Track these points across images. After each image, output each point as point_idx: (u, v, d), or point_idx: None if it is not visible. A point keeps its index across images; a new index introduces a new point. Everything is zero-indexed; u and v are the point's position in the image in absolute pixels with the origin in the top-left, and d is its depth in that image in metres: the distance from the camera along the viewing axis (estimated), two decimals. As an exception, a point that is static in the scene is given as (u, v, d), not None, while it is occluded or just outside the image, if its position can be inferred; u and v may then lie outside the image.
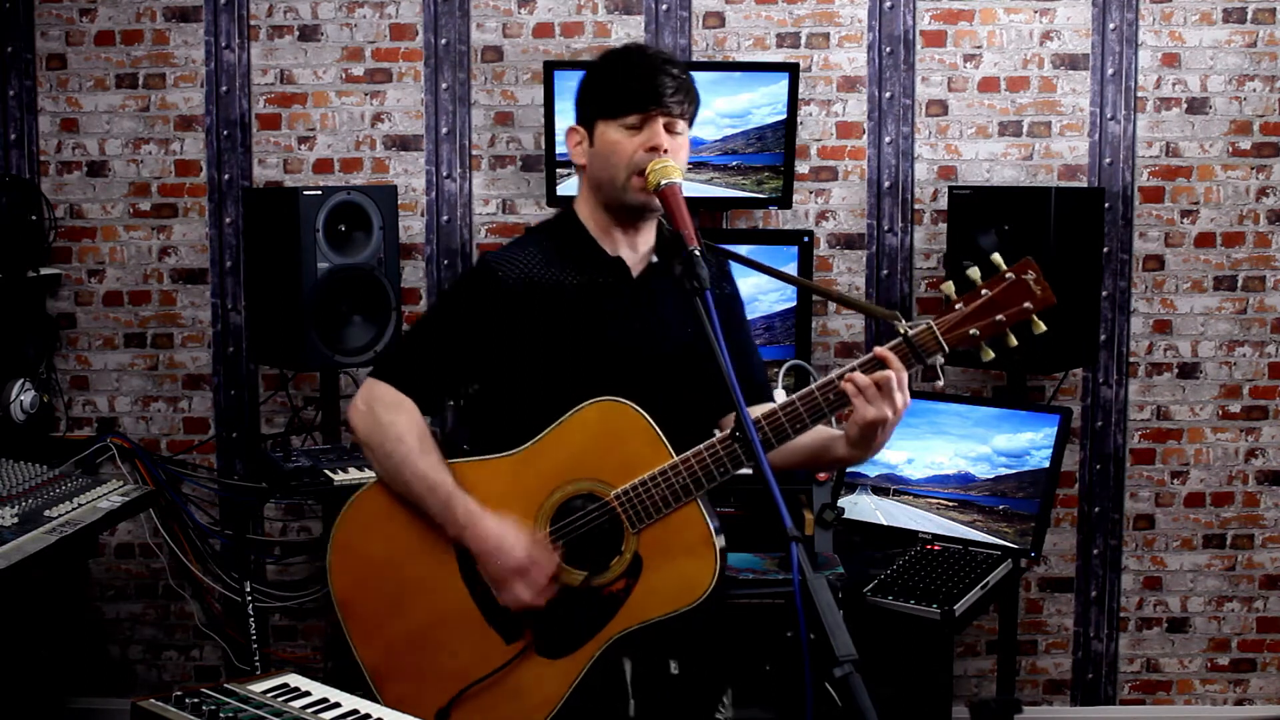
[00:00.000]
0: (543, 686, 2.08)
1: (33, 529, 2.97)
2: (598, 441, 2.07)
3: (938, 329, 1.99)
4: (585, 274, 2.17)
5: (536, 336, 2.13)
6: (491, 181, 4.07)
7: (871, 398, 1.99)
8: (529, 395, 2.14)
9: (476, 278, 2.21)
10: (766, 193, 3.86)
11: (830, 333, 4.06)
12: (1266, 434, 4.10)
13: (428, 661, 2.14)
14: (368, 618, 2.19)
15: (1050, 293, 1.98)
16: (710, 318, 1.91)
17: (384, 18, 4.03)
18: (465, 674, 2.10)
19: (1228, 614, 4.16)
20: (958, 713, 4.02)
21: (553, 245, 2.20)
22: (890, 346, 2.00)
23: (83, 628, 4.13)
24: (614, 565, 2.07)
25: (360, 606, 2.20)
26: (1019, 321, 1.99)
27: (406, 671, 2.16)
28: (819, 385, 2.02)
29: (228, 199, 4.07)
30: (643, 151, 2.10)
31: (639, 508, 2.04)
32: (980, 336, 2.00)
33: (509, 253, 2.20)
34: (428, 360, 2.17)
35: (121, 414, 4.14)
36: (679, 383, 2.15)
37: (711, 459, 2.02)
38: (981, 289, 1.99)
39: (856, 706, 1.55)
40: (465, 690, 2.10)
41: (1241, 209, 4.05)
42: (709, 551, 2.02)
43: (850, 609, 3.15)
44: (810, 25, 4.02)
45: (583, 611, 2.08)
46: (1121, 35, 4.00)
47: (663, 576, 2.04)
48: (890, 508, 3.54)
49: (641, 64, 2.13)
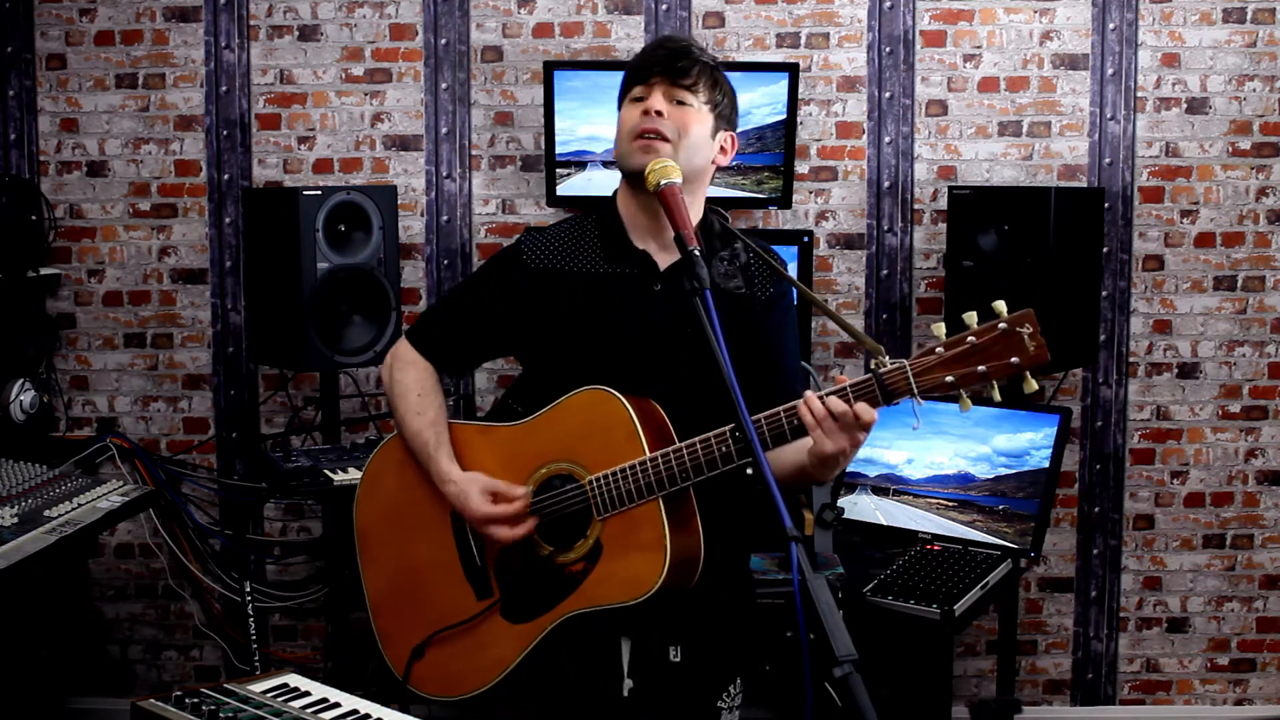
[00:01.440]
0: (500, 646, 2.19)
1: (33, 529, 2.97)
2: (583, 426, 2.12)
3: (910, 370, 1.92)
4: (610, 264, 2.21)
5: (552, 320, 2.20)
6: (491, 181, 4.07)
7: (829, 430, 1.95)
8: (545, 373, 2.22)
9: (506, 256, 2.28)
10: (766, 193, 3.86)
11: (830, 333, 4.06)
12: (1266, 434, 4.10)
13: (414, 601, 2.29)
14: (377, 550, 2.34)
15: (1045, 350, 1.86)
16: (710, 318, 1.91)
17: (384, 18, 4.03)
18: (441, 618, 2.24)
19: (1227, 614, 4.16)
20: (958, 713, 4.02)
21: (587, 233, 2.25)
22: (858, 381, 1.96)
23: (83, 628, 4.13)
24: (577, 546, 2.13)
25: (373, 539, 2.35)
26: (1005, 375, 1.89)
27: (397, 606, 2.31)
28: (785, 408, 1.98)
29: (228, 199, 4.07)
30: (639, 114, 2.14)
31: (607, 496, 2.09)
32: (957, 384, 1.90)
33: (543, 235, 2.26)
34: (448, 327, 2.30)
35: (121, 414, 4.14)
36: (690, 380, 2.14)
37: (690, 459, 2.02)
38: (968, 336, 1.89)
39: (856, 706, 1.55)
40: (438, 633, 2.24)
41: (1241, 209, 4.05)
42: (659, 552, 2.04)
43: (850, 609, 3.15)
44: (810, 25, 4.02)
45: (545, 585, 2.15)
46: (1121, 35, 4.00)
47: (616, 567, 2.09)
48: (890, 508, 3.54)
49: (650, 45, 2.20)
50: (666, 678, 2.20)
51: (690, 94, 2.15)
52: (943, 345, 1.91)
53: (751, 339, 2.20)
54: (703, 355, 1.96)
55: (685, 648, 2.20)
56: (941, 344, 1.91)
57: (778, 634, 3.26)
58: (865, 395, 1.94)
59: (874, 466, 3.60)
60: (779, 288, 2.26)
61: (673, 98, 2.14)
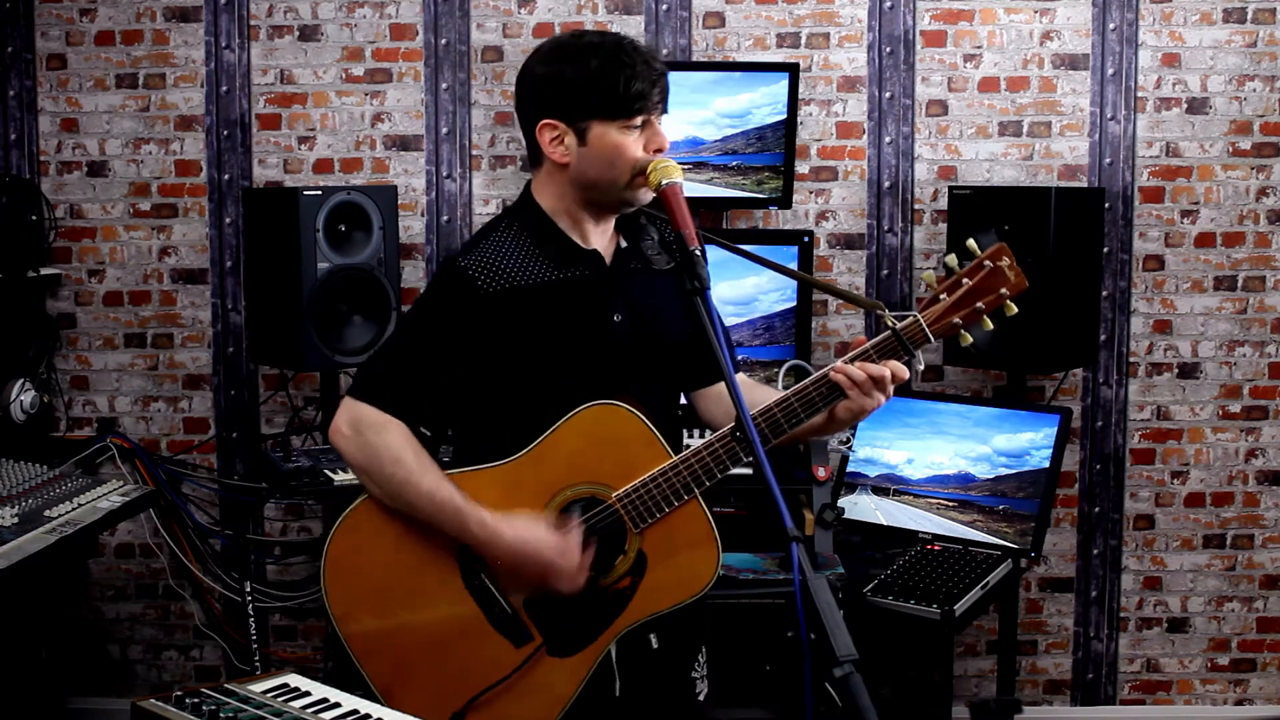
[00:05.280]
0: (555, 685, 2.10)
1: (33, 529, 2.97)
2: (595, 445, 2.07)
3: (924, 321, 2.07)
4: (562, 269, 2.14)
5: (523, 339, 2.11)
6: (491, 181, 4.07)
7: (868, 390, 2.05)
8: (518, 401, 2.12)
9: (452, 287, 2.12)
10: (766, 193, 3.86)
11: (830, 332, 4.06)
12: (1266, 434, 4.10)
13: (438, 673, 2.13)
14: (370, 636, 2.17)
15: (1023, 278, 2.06)
16: (711, 318, 1.92)
17: (384, 18, 4.03)
18: (477, 681, 2.10)
19: (1228, 614, 4.16)
20: (958, 713, 4.02)
21: (525, 241, 2.15)
22: (880, 340, 2.07)
23: (83, 628, 4.13)
24: (618, 564, 2.09)
25: (361, 623, 2.17)
26: (996, 308, 2.07)
27: (418, 685, 2.14)
28: (812, 380, 2.07)
29: (228, 199, 4.07)
30: (647, 153, 2.09)
31: (641, 508, 2.06)
32: (963, 324, 2.08)
33: (484, 256, 2.12)
34: (409, 377, 2.11)
35: (121, 414, 4.14)
36: (664, 365, 2.19)
37: (711, 458, 2.04)
38: (961, 278, 2.07)
39: (856, 706, 1.55)
40: (478, 696, 2.10)
41: (1241, 209, 4.05)
42: (711, 544, 2.06)
43: (850, 609, 3.15)
44: (810, 25, 4.02)
45: (590, 609, 2.10)
46: (1121, 35, 4.00)
47: (667, 571, 2.07)
48: (890, 508, 3.54)
49: (640, 64, 2.07)
50: (649, 667, 2.20)
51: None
52: (944, 292, 2.08)
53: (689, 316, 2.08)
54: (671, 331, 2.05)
55: (661, 633, 2.20)
56: (941, 290, 2.09)
57: (778, 634, 3.26)
58: (889, 353, 2.07)
59: (874, 466, 3.60)
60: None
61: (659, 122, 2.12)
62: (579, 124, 2.08)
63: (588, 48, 2.09)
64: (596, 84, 2.06)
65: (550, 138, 2.10)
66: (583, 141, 2.09)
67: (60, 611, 3.90)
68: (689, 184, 2.47)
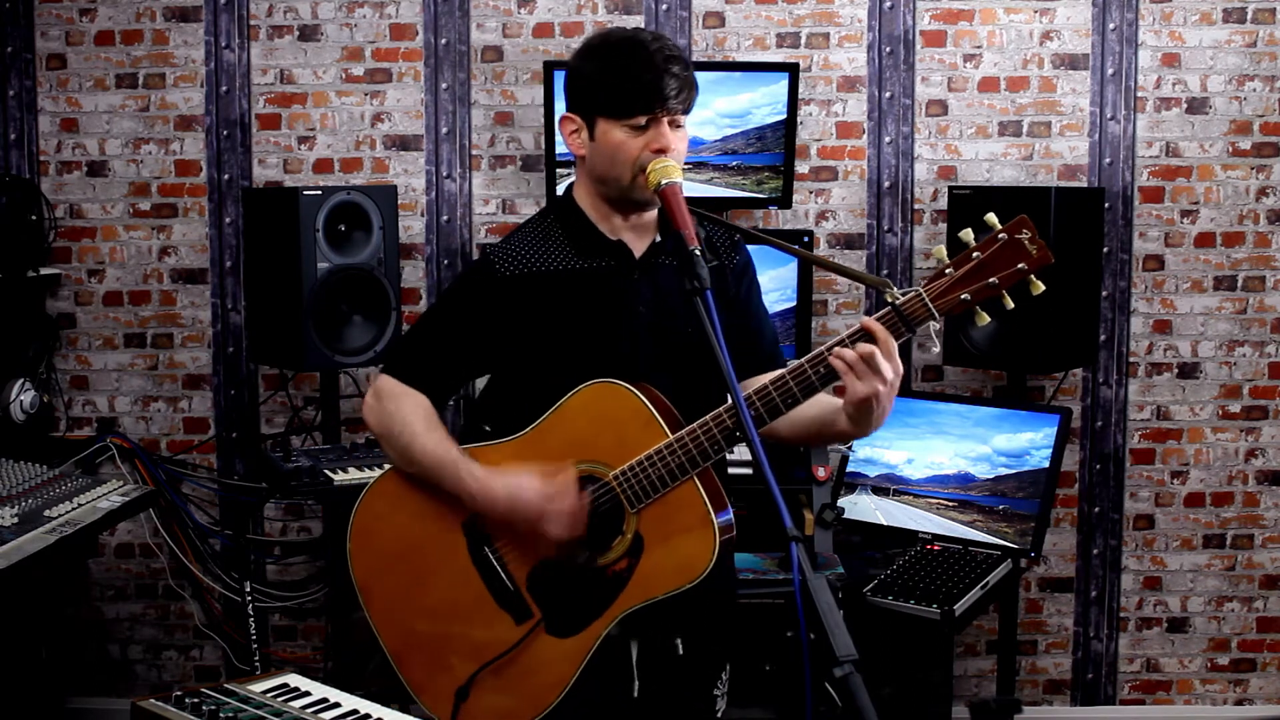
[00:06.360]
0: (554, 665, 2.12)
1: (33, 529, 2.97)
2: (594, 423, 2.09)
3: (927, 295, 1.95)
4: (588, 259, 2.19)
5: (539, 324, 2.16)
6: (491, 181, 4.07)
7: (861, 373, 1.96)
8: (537, 380, 2.17)
9: (476, 272, 2.24)
10: (766, 193, 3.86)
11: (830, 332, 4.06)
12: (1266, 434, 4.10)
13: (444, 644, 2.19)
14: (386, 602, 2.25)
15: (1047, 251, 1.90)
16: (711, 318, 1.92)
17: (384, 18, 4.03)
18: (480, 655, 2.16)
19: (1228, 614, 4.16)
20: (958, 713, 4.02)
21: (554, 232, 2.22)
22: (878, 316, 1.97)
23: (83, 628, 4.13)
24: (616, 545, 2.09)
25: (379, 591, 2.26)
26: (1015, 283, 1.92)
27: (425, 654, 2.21)
28: (809, 359, 2.01)
29: (228, 199, 4.07)
30: (648, 152, 2.10)
31: (637, 487, 2.06)
32: (972, 300, 1.93)
33: (508, 244, 2.22)
34: (431, 354, 2.22)
35: (121, 414, 4.14)
36: (688, 358, 2.16)
37: (705, 437, 2.03)
38: (973, 251, 1.93)
39: (856, 706, 1.55)
40: (480, 670, 2.15)
41: (1241, 209, 4.05)
42: (707, 530, 2.04)
43: (850, 609, 3.15)
44: (810, 25, 4.02)
45: (589, 590, 2.11)
46: (1121, 35, 4.00)
47: (663, 555, 2.07)
48: (890, 508, 3.54)
49: (647, 64, 2.08)
50: (672, 671, 2.20)
51: (685, 115, 2.14)
52: (951, 266, 1.94)
53: (729, 310, 2.18)
54: (691, 340, 1.99)
55: (687, 639, 2.20)
56: (949, 264, 1.94)
57: (778, 634, 3.26)
58: (890, 331, 1.96)
59: (874, 466, 3.60)
60: (743, 255, 2.32)
61: (675, 124, 2.12)
62: (589, 119, 2.15)
63: (609, 45, 2.15)
64: (602, 81, 2.12)
65: (569, 130, 2.18)
66: (592, 137, 2.15)
67: (60, 611, 3.90)
68: (689, 184, 2.47)
